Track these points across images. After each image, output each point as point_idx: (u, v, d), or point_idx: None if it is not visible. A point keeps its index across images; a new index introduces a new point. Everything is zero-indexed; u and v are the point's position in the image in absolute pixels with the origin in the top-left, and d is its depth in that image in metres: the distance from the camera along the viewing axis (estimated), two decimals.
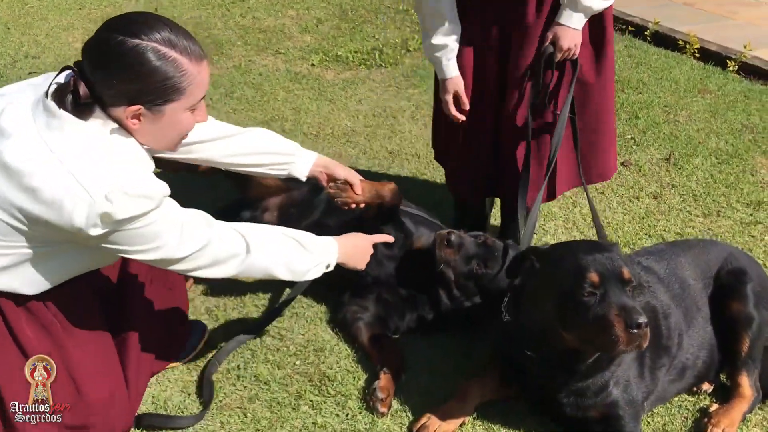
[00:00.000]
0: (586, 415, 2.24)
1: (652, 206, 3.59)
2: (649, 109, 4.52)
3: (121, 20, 1.83)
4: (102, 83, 1.81)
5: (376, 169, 3.91)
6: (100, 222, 1.76)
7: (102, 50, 1.80)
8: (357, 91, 4.87)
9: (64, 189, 1.74)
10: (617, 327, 1.96)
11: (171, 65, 1.81)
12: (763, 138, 4.18)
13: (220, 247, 2.03)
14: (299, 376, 2.57)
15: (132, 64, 1.78)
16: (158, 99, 1.84)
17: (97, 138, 1.82)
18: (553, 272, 2.13)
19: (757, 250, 3.24)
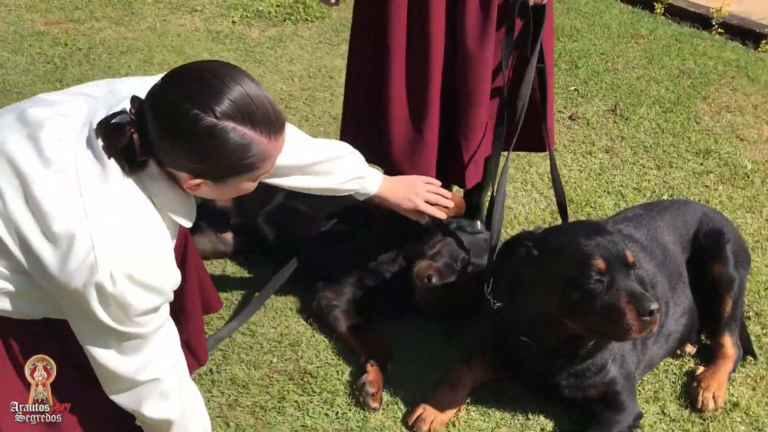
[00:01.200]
0: (586, 394, 2.21)
1: (605, 161, 3.57)
2: (587, 57, 4.48)
3: (193, 80, 1.58)
4: (166, 151, 1.61)
5: (321, 136, 3.70)
6: (93, 291, 1.58)
7: (172, 121, 1.58)
8: (286, 50, 4.59)
9: (77, 247, 1.57)
10: (629, 315, 1.90)
11: (248, 147, 1.60)
12: (701, 83, 4.22)
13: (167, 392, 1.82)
14: (278, 375, 2.42)
15: (206, 146, 1.58)
16: (226, 176, 1.67)
17: (133, 200, 1.64)
18: (555, 260, 2.04)
19: (712, 200, 3.28)
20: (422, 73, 2.49)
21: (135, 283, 1.60)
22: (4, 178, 1.63)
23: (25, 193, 1.61)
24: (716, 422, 2.27)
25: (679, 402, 2.34)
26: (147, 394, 1.77)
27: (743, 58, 4.51)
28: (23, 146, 1.65)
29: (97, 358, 1.70)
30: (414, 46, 2.46)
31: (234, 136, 1.57)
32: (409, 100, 2.54)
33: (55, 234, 1.58)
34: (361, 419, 2.27)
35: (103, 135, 1.61)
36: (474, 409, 2.31)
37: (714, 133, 3.77)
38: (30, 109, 1.72)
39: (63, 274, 1.59)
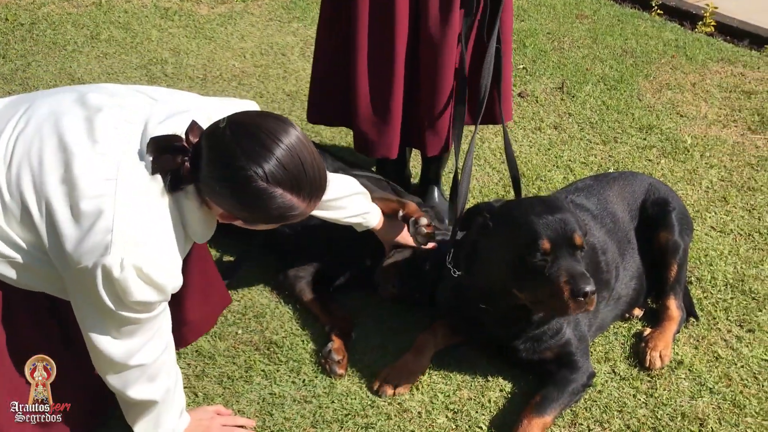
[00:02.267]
0: (542, 357, 2.31)
1: (554, 136, 3.69)
2: (534, 37, 4.59)
3: (253, 137, 1.63)
4: (212, 190, 1.69)
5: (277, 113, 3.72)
6: (100, 272, 1.63)
7: (226, 172, 1.65)
8: (237, 26, 4.57)
9: (98, 226, 1.62)
10: (565, 294, 2.02)
11: (289, 209, 1.70)
12: (642, 62, 4.38)
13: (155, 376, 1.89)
14: (245, 345, 2.46)
15: (251, 203, 1.68)
16: (260, 223, 1.78)
17: (161, 203, 1.70)
18: (507, 234, 2.14)
19: (655, 173, 3.43)
20: (386, 49, 2.59)
21: (141, 276, 1.65)
22: (51, 152, 1.67)
23: (65, 168, 1.65)
24: (663, 379, 2.40)
25: (628, 361, 2.47)
26: (134, 378, 1.82)
27: (681, 38, 4.70)
28: (77, 125, 1.69)
29: (92, 339, 1.74)
30: (379, 20, 2.54)
31: (280, 201, 1.67)
32: (374, 73, 2.64)
33: (81, 211, 1.62)
34: (327, 386, 2.33)
35: (154, 153, 1.67)
36: (436, 372, 2.40)
37: (656, 109, 3.93)
38: (91, 93, 1.77)
39: (77, 251, 1.62)
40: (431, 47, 2.61)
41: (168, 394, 1.93)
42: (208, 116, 1.76)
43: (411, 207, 2.50)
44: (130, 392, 1.85)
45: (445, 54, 2.60)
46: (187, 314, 2.27)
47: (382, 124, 2.72)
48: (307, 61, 4.22)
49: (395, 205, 2.51)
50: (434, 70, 2.63)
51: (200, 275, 2.24)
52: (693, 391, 2.36)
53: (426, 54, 2.63)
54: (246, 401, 2.27)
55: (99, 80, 3.92)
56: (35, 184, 1.65)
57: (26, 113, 1.75)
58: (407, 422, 2.23)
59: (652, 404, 2.32)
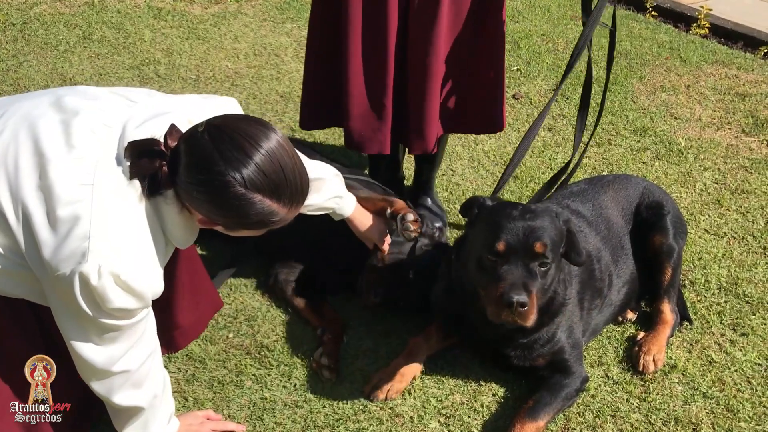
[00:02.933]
0: (534, 363, 2.30)
1: (548, 138, 3.68)
2: (528, 38, 4.58)
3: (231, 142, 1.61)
4: (190, 196, 1.66)
5: (270, 115, 3.71)
6: (77, 280, 1.60)
7: (204, 176, 1.62)
8: (230, 27, 4.55)
9: (75, 232, 1.59)
10: (495, 298, 2.02)
11: (269, 215, 1.67)
12: (636, 64, 4.37)
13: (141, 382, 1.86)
14: (235, 349, 2.44)
15: (230, 208, 1.64)
16: (240, 228, 1.74)
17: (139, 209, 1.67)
18: (479, 231, 2.15)
19: (649, 176, 3.42)
20: (378, 46, 2.58)
21: (119, 284, 1.62)
22: (27, 157, 1.64)
23: (41, 173, 1.62)
24: (656, 383, 2.39)
25: (621, 365, 2.46)
26: (119, 384, 1.80)
27: (676, 40, 4.69)
28: (52, 129, 1.67)
29: (74, 346, 1.72)
30: (370, 20, 2.53)
31: (259, 207, 1.64)
32: (366, 70, 2.62)
33: (57, 217, 1.59)
34: (318, 390, 2.31)
35: (132, 157, 1.64)
36: (428, 377, 2.38)
37: (650, 111, 3.92)
38: (68, 96, 1.74)
39: (54, 258, 1.60)
40: (419, 45, 2.58)
41: (155, 400, 1.91)
42: (188, 119, 1.73)
43: (398, 204, 2.47)
44: (115, 399, 1.82)
45: (432, 54, 2.58)
46: (177, 318, 2.25)
47: (374, 119, 2.69)
48: (301, 62, 4.19)
49: (383, 203, 2.48)
50: (421, 68, 2.61)
51: (189, 279, 2.22)
52: (686, 396, 2.35)
53: (413, 53, 2.61)
54: (236, 406, 2.25)
55: (91, 81, 3.90)
56: (11, 189, 1.63)
57: (2, 117, 1.72)
58: (399, 427, 2.21)
59: (645, 409, 2.30)
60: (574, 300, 2.31)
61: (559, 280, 2.23)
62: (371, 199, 2.51)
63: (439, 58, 2.61)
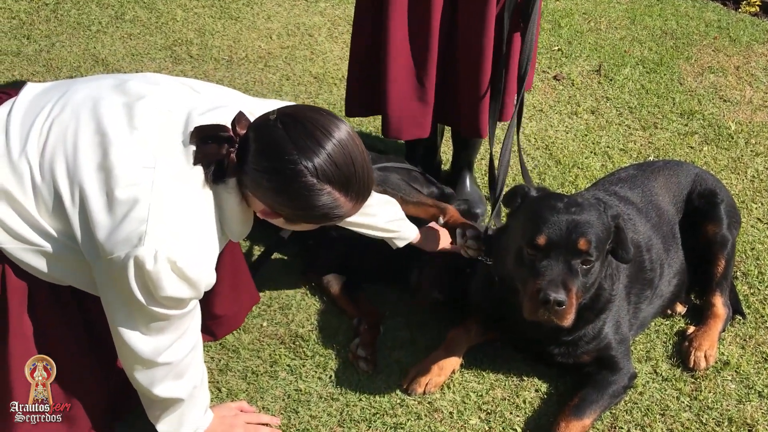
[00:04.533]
0: (579, 361, 2.20)
1: (591, 121, 3.54)
2: (570, 17, 4.43)
3: (305, 130, 1.57)
4: (258, 183, 1.61)
5: (304, 96, 3.62)
6: (132, 264, 1.56)
7: (275, 164, 1.58)
8: (263, 6, 4.46)
9: (133, 215, 1.55)
10: (532, 296, 1.92)
11: (335, 208, 1.63)
12: (683, 44, 4.20)
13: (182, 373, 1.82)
14: (269, 339, 2.38)
15: (298, 198, 1.60)
16: (302, 221, 1.69)
17: (199, 197, 1.63)
18: (521, 222, 2.05)
19: (697, 161, 3.28)
20: (422, 26, 2.49)
21: (175, 270, 1.58)
22: (87, 137, 1.61)
23: (103, 153, 1.59)
24: (707, 380, 2.28)
25: (670, 361, 2.35)
26: (161, 375, 1.76)
27: (724, 18, 4.50)
28: (116, 111, 1.64)
29: (121, 334, 1.68)
30: (414, 2, 2.43)
31: (327, 199, 1.60)
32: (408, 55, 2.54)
33: (116, 199, 1.56)
34: (355, 382, 2.24)
35: (199, 141, 1.61)
36: (468, 370, 2.30)
37: (697, 94, 3.76)
38: (133, 81, 1.72)
39: (110, 240, 1.56)
40: (470, 25, 2.49)
41: (194, 391, 1.87)
42: (250, 111, 1.69)
43: (452, 213, 2.36)
44: (156, 390, 1.78)
45: (485, 32, 2.48)
46: (216, 309, 2.21)
47: (415, 103, 2.61)
48: (335, 42, 4.11)
49: (434, 211, 2.39)
50: (474, 50, 2.51)
51: (231, 271, 2.17)
52: (740, 395, 2.24)
53: (464, 32, 2.51)
54: (271, 397, 2.19)
55: (123, 61, 3.85)
56: (69, 169, 1.59)
57: (62, 98, 1.69)
58: (438, 423, 2.14)
59: (696, 407, 2.20)
60: (621, 294, 2.21)
61: (606, 275, 2.12)
62: (422, 205, 2.42)
63: (490, 39, 2.50)
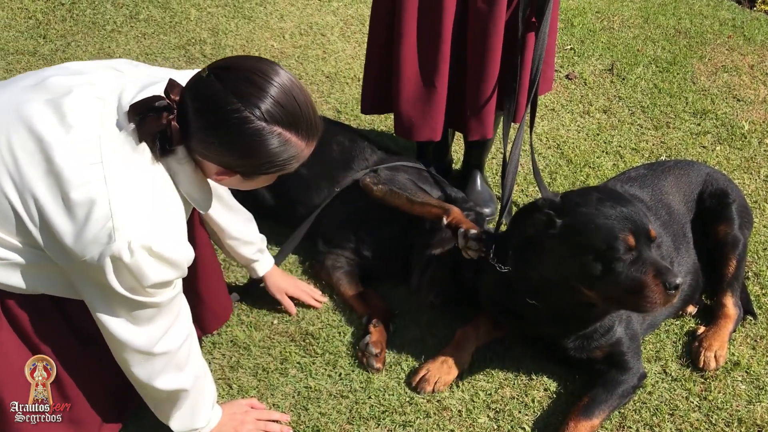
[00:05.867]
0: (591, 355, 2.20)
1: (603, 121, 3.53)
2: (582, 16, 4.41)
3: (242, 78, 1.54)
4: (206, 143, 1.59)
5: (316, 96, 3.64)
6: (108, 262, 1.55)
7: (219, 117, 1.54)
8: (276, 6, 4.48)
9: (95, 215, 1.53)
10: (655, 289, 1.89)
11: (287, 151, 1.61)
12: (697, 43, 4.18)
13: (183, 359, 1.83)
14: (280, 336, 2.39)
15: (250, 147, 1.57)
16: (257, 173, 1.67)
17: (154, 175, 1.61)
18: (582, 231, 1.97)
19: (710, 161, 3.26)
20: (434, 28, 2.50)
21: (153, 255, 1.57)
22: (22, 144, 1.57)
23: (46, 159, 1.56)
24: (717, 381, 2.28)
25: (680, 361, 2.35)
26: (160, 367, 1.76)
27: (739, 17, 4.47)
28: (43, 111, 1.60)
29: (110, 330, 1.67)
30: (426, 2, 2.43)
31: (278, 141, 1.58)
32: (420, 54, 2.54)
33: (73, 201, 1.54)
34: (364, 380, 2.26)
35: (138, 117, 1.58)
36: (477, 369, 2.31)
37: (711, 93, 3.74)
38: (54, 76, 1.67)
39: (78, 243, 1.55)
40: (479, 27, 2.49)
41: (198, 381, 1.87)
42: (181, 81, 1.66)
43: (456, 214, 2.35)
44: (157, 383, 1.78)
45: (493, 35, 2.48)
46: (205, 300, 2.20)
47: (426, 105, 2.62)
48: (347, 41, 4.13)
49: (438, 211, 2.38)
50: (482, 51, 2.52)
51: (210, 263, 2.17)
52: (750, 395, 2.23)
53: (474, 34, 2.52)
54: (281, 394, 2.21)
55: (137, 60, 3.87)
56: (16, 183, 1.56)
57: None
58: (447, 421, 2.15)
59: (706, 408, 2.19)
60: None
61: None
62: (426, 205, 2.42)
63: (500, 38, 2.51)
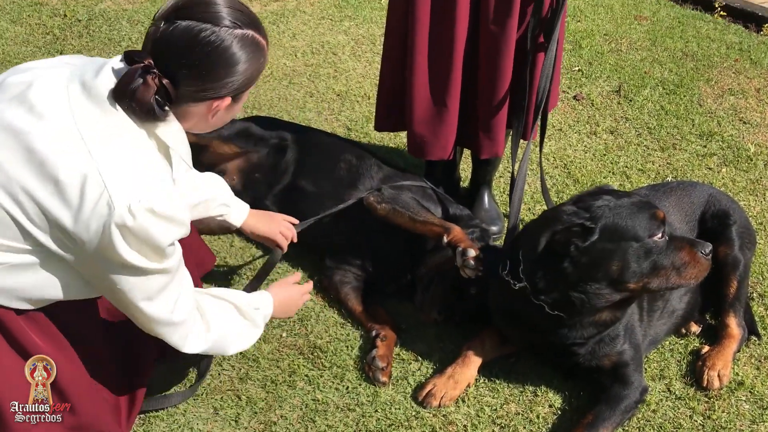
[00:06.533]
0: (600, 364, 2.23)
1: (609, 141, 3.58)
2: (591, 38, 4.47)
3: (189, 5, 1.62)
4: (195, 84, 1.64)
5: (327, 113, 3.70)
6: (115, 231, 1.56)
7: (197, 48, 1.60)
8: (289, 25, 4.56)
9: (89, 189, 1.55)
10: (696, 260, 2.08)
11: (261, 51, 1.70)
12: (703, 66, 4.22)
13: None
14: (288, 349, 2.43)
15: (236, 57, 1.64)
16: (247, 87, 1.72)
17: (135, 137, 1.63)
18: (619, 227, 2.05)
19: (716, 183, 3.29)
20: (446, 49, 2.56)
21: (155, 214, 1.58)
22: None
23: (26, 149, 1.57)
24: (721, 400, 2.30)
25: (684, 380, 2.37)
26: (186, 332, 1.82)
27: (746, 41, 4.52)
28: (11, 108, 1.62)
29: (131, 309, 1.71)
30: (438, 21, 2.53)
31: (251, 42, 1.66)
32: (431, 73, 2.60)
33: (63, 183, 1.55)
34: (371, 394, 2.29)
35: (128, 94, 1.58)
36: (483, 384, 2.33)
37: (717, 115, 3.78)
38: (10, 77, 1.70)
39: (79, 224, 1.56)
40: (491, 48, 2.56)
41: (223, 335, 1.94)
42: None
43: (456, 233, 2.38)
44: (187, 348, 1.86)
45: (505, 56, 2.55)
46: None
47: (438, 125, 2.68)
48: (358, 60, 4.19)
49: (439, 230, 2.41)
50: (493, 71, 2.58)
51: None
52: (754, 415, 2.25)
53: (486, 55, 2.58)
54: (289, 406, 2.24)
55: None
56: (2, 182, 1.58)
57: None
58: None
59: (709, 427, 2.22)
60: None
61: None
62: (428, 224, 2.45)
63: (510, 57, 2.57)
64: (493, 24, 2.52)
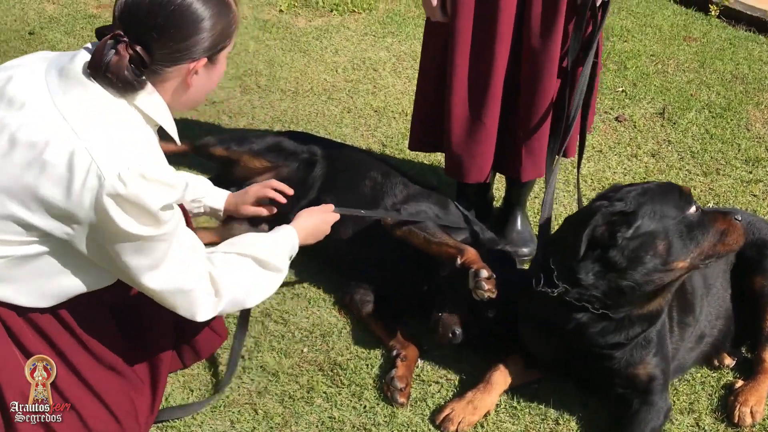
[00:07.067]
0: (634, 372, 2.18)
1: (651, 165, 3.49)
2: (636, 59, 4.38)
3: None
4: (168, 48, 1.67)
5: (363, 129, 3.71)
6: (109, 201, 1.58)
7: (165, 12, 1.64)
8: (332, 40, 4.59)
9: (77, 165, 1.57)
10: (732, 227, 2.11)
11: (231, 6, 1.74)
12: (754, 89, 4.10)
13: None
14: (309, 365, 2.43)
15: (204, 16, 1.67)
16: (221, 46, 1.74)
17: (116, 108, 1.66)
18: (656, 211, 2.06)
19: (760, 210, 3.18)
20: (486, 67, 2.54)
21: (146, 179, 1.60)
22: None
23: (10, 141, 1.61)
24: None
25: (714, 415, 2.28)
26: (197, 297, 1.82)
27: None
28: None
29: (139, 281, 1.72)
30: (479, 40, 2.52)
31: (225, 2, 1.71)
32: (471, 94, 2.59)
33: (50, 163, 1.58)
34: (388, 414, 2.26)
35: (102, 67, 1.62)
36: (503, 410, 2.29)
37: (765, 141, 3.66)
38: None
39: (71, 200, 1.59)
40: (534, 66, 2.54)
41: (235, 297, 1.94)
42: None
43: (470, 255, 2.33)
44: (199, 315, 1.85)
45: (548, 74, 2.53)
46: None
47: (476, 148, 2.66)
48: (398, 77, 4.19)
49: (453, 252, 2.36)
50: (536, 90, 2.56)
51: None
52: None
53: (528, 74, 2.56)
54: (305, 423, 2.23)
55: None
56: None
57: None
58: None
59: None
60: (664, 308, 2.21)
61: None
62: (442, 245, 2.42)
63: (553, 78, 2.55)
64: (536, 42, 2.49)
